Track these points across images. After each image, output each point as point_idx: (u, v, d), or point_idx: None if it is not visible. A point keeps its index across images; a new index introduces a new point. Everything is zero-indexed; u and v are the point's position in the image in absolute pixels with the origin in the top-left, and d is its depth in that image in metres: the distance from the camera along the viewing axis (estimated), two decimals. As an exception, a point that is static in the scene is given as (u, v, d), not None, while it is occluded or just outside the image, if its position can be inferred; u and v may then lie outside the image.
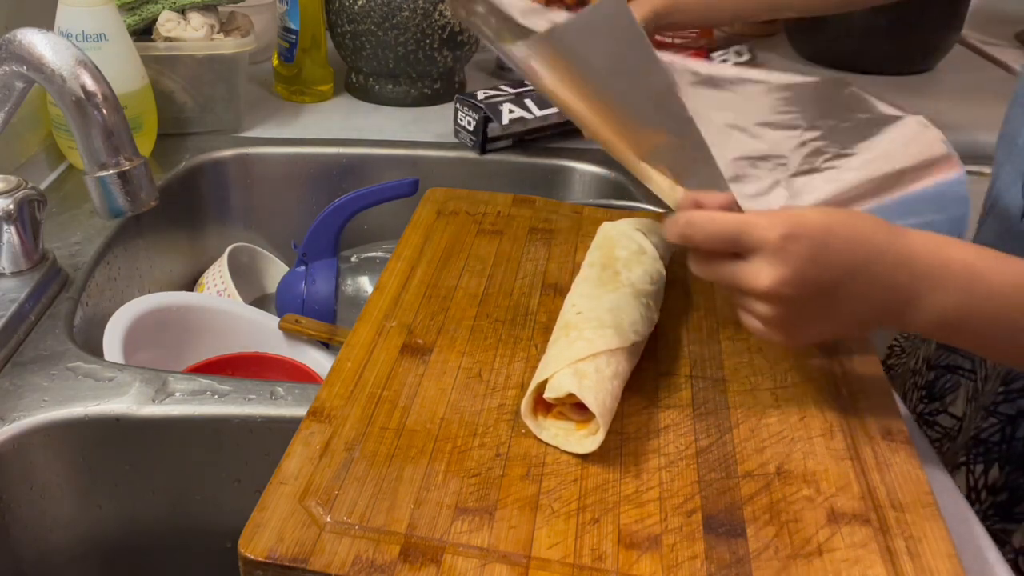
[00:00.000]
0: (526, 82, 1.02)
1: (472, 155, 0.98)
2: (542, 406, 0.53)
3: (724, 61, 1.16)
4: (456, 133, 1.00)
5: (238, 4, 0.99)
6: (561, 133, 1.03)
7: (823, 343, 0.61)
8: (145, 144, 0.92)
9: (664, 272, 0.64)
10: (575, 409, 0.52)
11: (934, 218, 0.59)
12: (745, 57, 1.17)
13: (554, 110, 0.99)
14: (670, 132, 0.52)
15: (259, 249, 0.99)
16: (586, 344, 0.53)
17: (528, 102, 0.98)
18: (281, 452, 0.49)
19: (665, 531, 0.46)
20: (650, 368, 0.58)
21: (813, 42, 1.38)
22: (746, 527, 0.47)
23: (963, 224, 0.59)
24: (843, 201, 0.60)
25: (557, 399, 0.51)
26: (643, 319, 0.57)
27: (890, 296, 0.49)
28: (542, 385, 0.52)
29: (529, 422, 0.52)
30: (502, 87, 1.00)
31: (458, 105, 0.99)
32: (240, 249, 0.96)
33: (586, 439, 0.51)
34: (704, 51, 1.15)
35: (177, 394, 0.62)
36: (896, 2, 0.83)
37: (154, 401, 0.61)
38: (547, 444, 0.51)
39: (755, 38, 1.47)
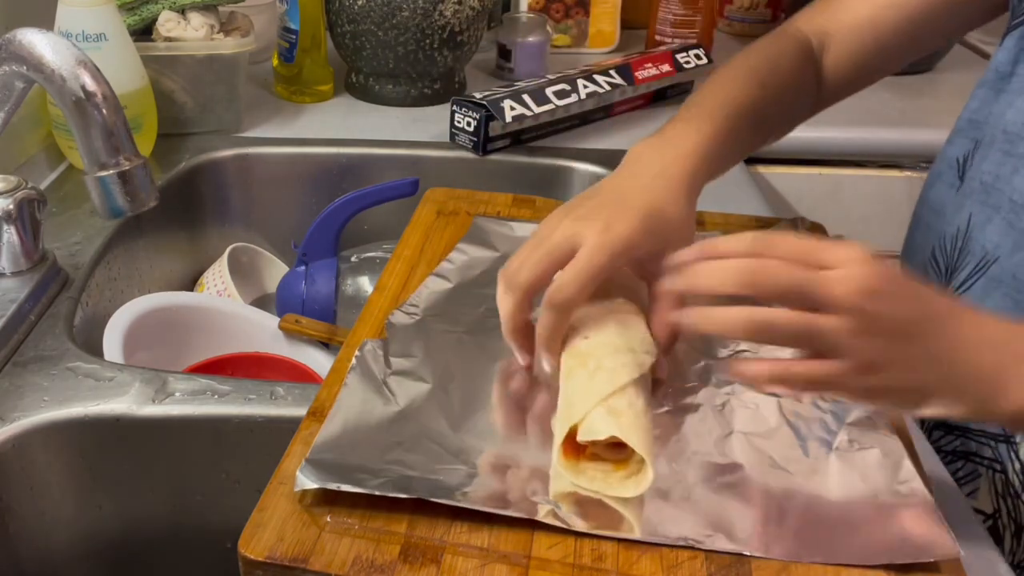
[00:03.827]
0: (519, 81, 1.02)
1: (472, 155, 0.98)
2: (571, 447, 0.48)
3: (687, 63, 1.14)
4: (453, 136, 1.00)
5: (238, 4, 0.99)
6: (561, 132, 1.03)
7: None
8: (145, 144, 0.92)
9: None
10: (609, 448, 0.47)
11: None
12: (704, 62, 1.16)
13: (552, 105, 0.99)
14: None
15: (259, 249, 0.99)
16: (608, 376, 0.48)
17: (526, 98, 0.98)
18: (281, 452, 0.49)
19: (665, 531, 0.46)
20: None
21: (813, 42, 1.37)
22: (746, 527, 0.47)
23: None
24: None
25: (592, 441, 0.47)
26: (649, 333, 0.54)
27: (975, 371, 0.45)
28: (574, 428, 0.47)
29: (565, 469, 0.47)
30: (496, 87, 1.00)
31: (455, 107, 0.98)
32: (240, 249, 0.96)
33: (628, 480, 0.47)
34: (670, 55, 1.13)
35: (177, 394, 0.62)
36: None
37: (154, 401, 0.61)
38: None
39: (754, 38, 1.47)
